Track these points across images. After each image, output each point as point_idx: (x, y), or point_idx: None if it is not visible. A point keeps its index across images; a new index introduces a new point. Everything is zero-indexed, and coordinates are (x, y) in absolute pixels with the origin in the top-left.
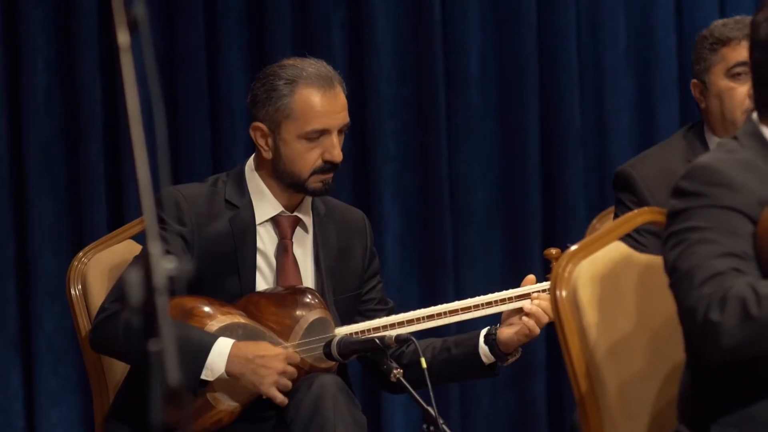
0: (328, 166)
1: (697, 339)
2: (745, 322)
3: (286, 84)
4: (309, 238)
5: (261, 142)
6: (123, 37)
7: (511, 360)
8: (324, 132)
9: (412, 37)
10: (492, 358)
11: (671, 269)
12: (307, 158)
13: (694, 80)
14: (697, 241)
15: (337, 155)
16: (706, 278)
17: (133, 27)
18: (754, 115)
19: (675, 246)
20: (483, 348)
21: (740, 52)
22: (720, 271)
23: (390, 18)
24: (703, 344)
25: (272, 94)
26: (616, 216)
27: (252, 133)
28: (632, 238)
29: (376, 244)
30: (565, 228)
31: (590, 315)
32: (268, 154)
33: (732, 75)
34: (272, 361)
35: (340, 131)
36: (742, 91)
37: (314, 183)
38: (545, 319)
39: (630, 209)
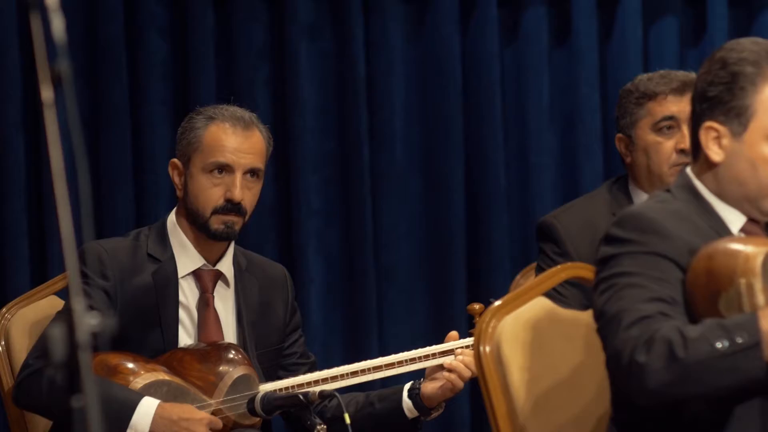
0: (229, 205)
1: (623, 381)
2: (671, 363)
3: (204, 119)
4: (230, 292)
5: (176, 179)
6: (47, 93)
7: (434, 415)
8: (227, 168)
9: (336, 93)
10: (415, 413)
11: (599, 314)
12: (210, 195)
13: (620, 135)
14: (625, 286)
15: (237, 195)
16: (634, 321)
17: (56, 82)
18: (688, 169)
19: (604, 291)
20: (406, 403)
21: (667, 107)
22: (647, 315)
23: (314, 74)
24: (629, 386)
25: (188, 128)
26: (538, 266)
27: (169, 170)
28: (555, 290)
29: (300, 299)
30: (489, 284)
31: (514, 370)
32: (180, 193)
33: (658, 129)
34: (196, 425)
35: (249, 173)
36: (668, 145)
37: (216, 224)
38: (468, 374)
39: (552, 260)
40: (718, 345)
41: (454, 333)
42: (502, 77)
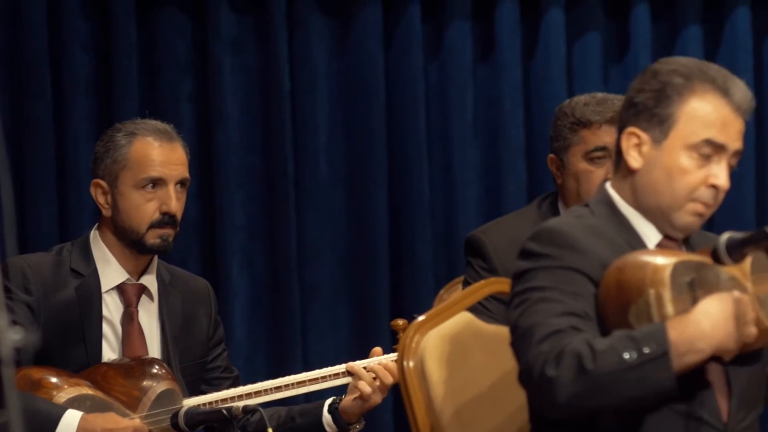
0: (165, 218)
1: (534, 395)
2: (580, 376)
3: (125, 136)
4: (154, 306)
5: (101, 199)
6: None
7: (354, 430)
8: (160, 182)
9: (260, 107)
10: (335, 427)
11: (513, 327)
12: (144, 210)
13: (552, 156)
14: (538, 300)
15: (174, 207)
16: (545, 336)
17: None
18: (608, 184)
19: (518, 305)
20: (327, 417)
21: (600, 137)
22: (559, 329)
23: (238, 89)
24: (540, 400)
25: (110, 147)
26: (465, 280)
27: (92, 191)
28: (480, 304)
29: (224, 314)
30: (413, 298)
31: (437, 384)
32: (107, 212)
33: (590, 158)
34: None
35: (179, 184)
36: (599, 174)
37: (152, 238)
38: (389, 380)
39: (479, 275)
40: (626, 356)
41: (377, 349)
42: (426, 92)
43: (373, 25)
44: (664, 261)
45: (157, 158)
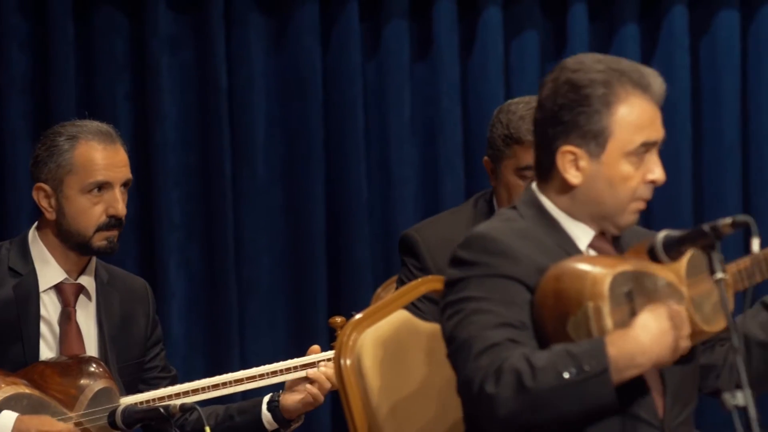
0: (112, 221)
1: (473, 410)
2: (519, 393)
3: (67, 140)
4: (92, 306)
5: (44, 203)
6: None
7: (294, 426)
8: (106, 185)
9: (197, 106)
10: (275, 425)
11: (449, 339)
12: (91, 214)
13: (487, 158)
14: (473, 311)
15: (121, 209)
16: (483, 349)
17: None
18: (534, 186)
19: (452, 316)
20: (266, 415)
21: (531, 156)
22: (496, 342)
23: (176, 87)
24: (479, 415)
25: (53, 151)
26: (399, 279)
27: (35, 195)
28: (413, 305)
29: (161, 313)
30: (351, 296)
31: (374, 382)
32: (51, 215)
33: (521, 175)
34: None
35: (123, 186)
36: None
37: (99, 241)
38: (328, 386)
39: (413, 273)
40: (566, 375)
41: (315, 347)
42: (364, 90)
43: (311, 23)
44: (602, 272)
45: (101, 162)
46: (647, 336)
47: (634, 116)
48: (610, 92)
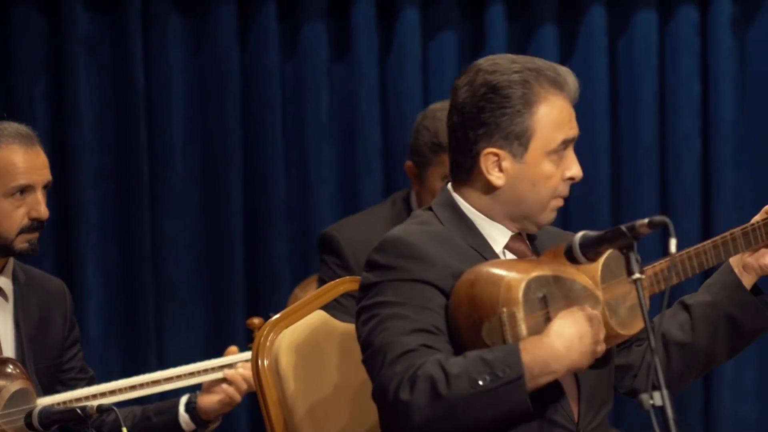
0: (35, 224)
1: (388, 416)
2: (434, 400)
3: None
4: (9, 307)
5: None
6: None
7: (211, 427)
8: (28, 188)
9: (115, 106)
10: (192, 426)
11: (364, 344)
12: (14, 217)
13: (410, 163)
14: (388, 317)
15: (43, 212)
16: (397, 356)
17: None
18: (450, 187)
19: (367, 320)
20: (183, 416)
21: None
22: (411, 349)
23: (92, 88)
24: (394, 422)
25: None
26: (320, 278)
27: None
28: (336, 301)
29: (78, 313)
30: (269, 297)
31: (291, 383)
32: None
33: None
34: None
35: (44, 188)
36: None
37: (21, 243)
38: (245, 387)
39: (334, 272)
40: (481, 382)
41: (233, 347)
42: (282, 91)
43: (228, 24)
44: (517, 277)
45: (23, 165)
46: (562, 342)
47: (554, 115)
48: (530, 92)
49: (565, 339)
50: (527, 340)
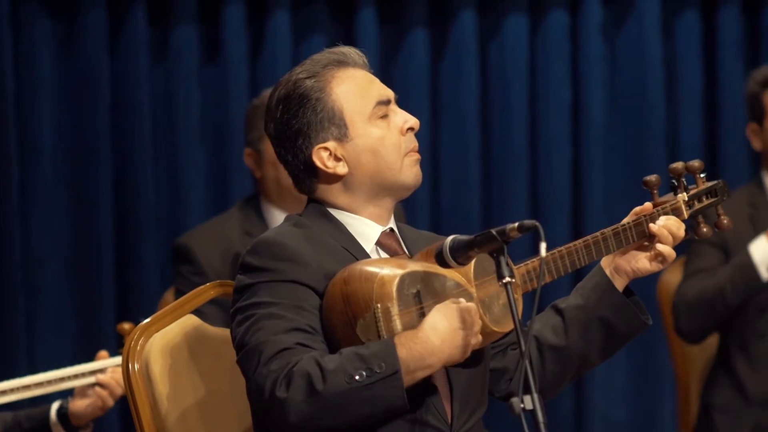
0: None
1: (264, 415)
2: (310, 397)
3: None
4: None
5: None
6: None
7: None
8: None
9: None
10: None
11: (239, 345)
12: None
13: (248, 149)
14: (263, 317)
15: None
16: (273, 354)
17: None
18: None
19: (242, 322)
20: (54, 422)
21: None
22: (287, 347)
23: None
24: (270, 420)
25: None
26: (176, 289)
27: None
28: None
29: None
30: (140, 301)
31: (162, 387)
32: None
33: None
34: None
35: None
36: None
37: None
38: (119, 391)
39: (189, 280)
40: (357, 376)
41: (103, 352)
42: (152, 94)
43: (98, 27)
44: (390, 273)
45: None
46: (437, 336)
47: (352, 85)
48: (319, 79)
49: (439, 332)
50: (402, 335)
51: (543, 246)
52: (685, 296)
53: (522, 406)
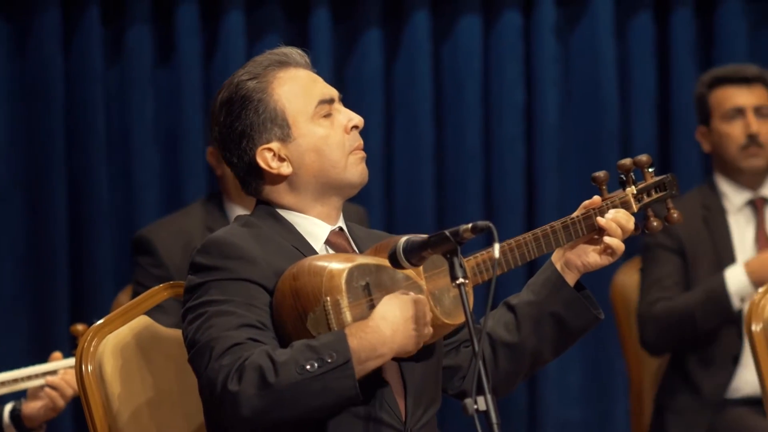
0: None
1: (217, 409)
2: (262, 390)
3: None
4: None
5: None
6: None
7: None
8: None
9: None
10: None
11: (190, 343)
12: None
13: (211, 148)
14: (215, 314)
15: None
16: (225, 349)
17: None
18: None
19: (194, 320)
20: (7, 424)
21: None
22: (238, 342)
23: None
24: (223, 414)
25: None
26: (136, 280)
27: None
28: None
29: None
30: (94, 303)
31: (115, 388)
32: None
33: None
34: None
35: None
36: None
37: None
38: (70, 393)
39: (148, 272)
40: (308, 367)
41: (57, 353)
42: (106, 95)
43: (52, 27)
44: (339, 266)
45: None
46: (387, 325)
47: (294, 85)
48: (261, 80)
49: (390, 322)
50: (353, 326)
51: (496, 246)
52: (653, 311)
53: (475, 407)
